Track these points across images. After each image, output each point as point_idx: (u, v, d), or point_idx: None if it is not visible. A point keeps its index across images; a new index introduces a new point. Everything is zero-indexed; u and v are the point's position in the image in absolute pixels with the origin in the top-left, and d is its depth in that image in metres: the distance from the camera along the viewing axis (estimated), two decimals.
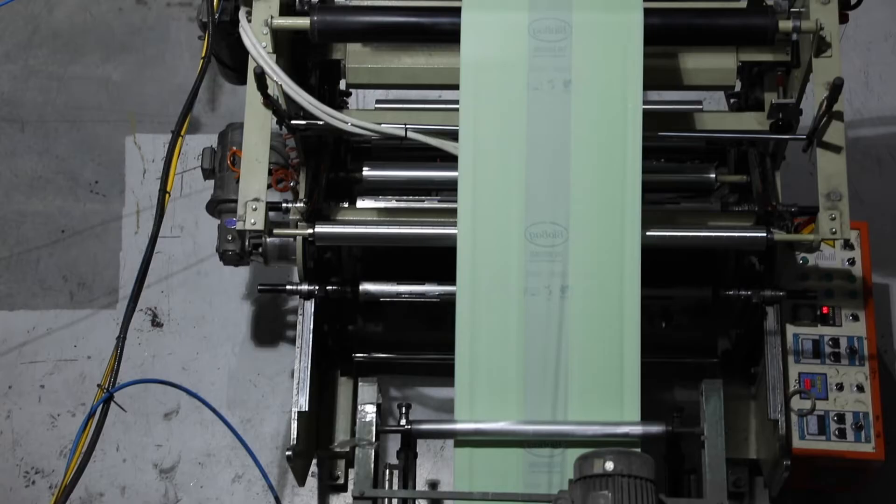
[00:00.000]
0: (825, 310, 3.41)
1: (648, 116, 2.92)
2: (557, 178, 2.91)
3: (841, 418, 3.31)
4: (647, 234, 2.93)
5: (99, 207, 4.30)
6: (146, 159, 4.36)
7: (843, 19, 3.02)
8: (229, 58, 3.50)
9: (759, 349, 3.34)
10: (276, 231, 3.10)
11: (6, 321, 4.11)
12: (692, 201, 3.47)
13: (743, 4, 3.22)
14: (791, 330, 3.40)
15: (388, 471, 3.09)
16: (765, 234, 3.11)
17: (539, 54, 2.92)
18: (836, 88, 2.85)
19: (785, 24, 2.95)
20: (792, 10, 3.02)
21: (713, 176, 3.42)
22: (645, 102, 2.92)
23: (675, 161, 3.56)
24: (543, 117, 2.91)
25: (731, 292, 3.34)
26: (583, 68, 2.91)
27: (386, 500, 3.07)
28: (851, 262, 3.47)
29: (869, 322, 3.41)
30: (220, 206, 3.61)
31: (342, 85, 3.43)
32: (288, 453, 3.21)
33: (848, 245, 3.49)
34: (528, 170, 2.91)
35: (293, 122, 3.10)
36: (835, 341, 3.38)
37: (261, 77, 2.91)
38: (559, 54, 2.92)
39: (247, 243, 3.56)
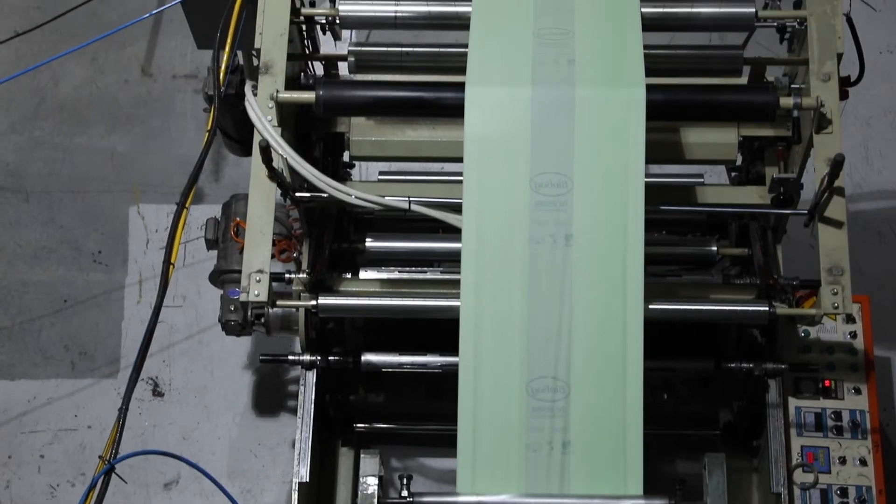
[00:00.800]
0: (827, 383, 3.41)
1: (650, 189, 2.94)
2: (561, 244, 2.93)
3: (844, 492, 3.30)
4: (650, 307, 2.94)
5: (102, 277, 4.31)
6: (149, 229, 4.37)
7: (844, 95, 3.04)
8: (234, 130, 3.53)
9: (761, 422, 3.33)
10: (279, 302, 3.09)
11: (7, 390, 4.10)
12: (694, 274, 3.48)
13: (744, 81, 3.25)
14: (793, 403, 3.39)
15: None
16: (767, 308, 3.10)
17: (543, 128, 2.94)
18: (836, 165, 2.86)
19: (786, 101, 2.97)
20: (793, 86, 3.04)
21: (714, 249, 3.43)
22: (647, 175, 2.94)
23: (676, 234, 3.58)
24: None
25: (732, 365, 3.34)
26: (586, 143, 2.93)
27: None
28: (853, 335, 3.47)
29: (871, 395, 3.41)
30: (223, 276, 3.62)
31: (346, 157, 3.45)
32: None
33: (849, 318, 3.49)
34: (531, 242, 2.92)
35: (297, 194, 3.11)
36: (837, 414, 3.38)
37: (266, 150, 2.92)
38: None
39: (249, 313, 3.56)
